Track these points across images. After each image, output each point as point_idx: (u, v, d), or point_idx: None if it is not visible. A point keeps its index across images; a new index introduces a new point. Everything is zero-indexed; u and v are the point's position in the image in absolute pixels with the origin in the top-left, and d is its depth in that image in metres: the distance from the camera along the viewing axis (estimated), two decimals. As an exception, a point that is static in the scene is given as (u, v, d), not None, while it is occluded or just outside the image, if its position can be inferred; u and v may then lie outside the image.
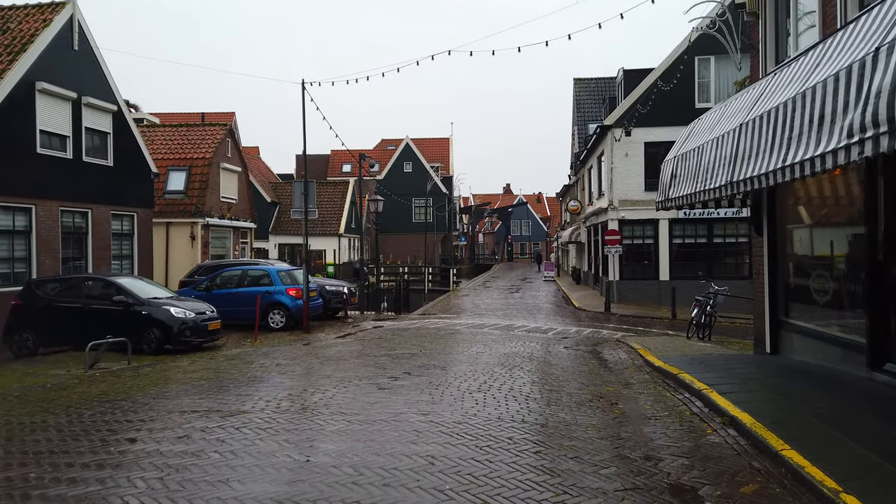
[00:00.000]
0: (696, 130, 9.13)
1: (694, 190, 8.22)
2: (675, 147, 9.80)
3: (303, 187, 17.24)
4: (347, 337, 15.76)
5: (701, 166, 8.09)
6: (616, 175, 27.04)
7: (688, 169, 8.66)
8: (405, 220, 58.43)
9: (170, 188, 26.50)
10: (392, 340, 14.04)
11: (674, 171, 9.30)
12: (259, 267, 19.00)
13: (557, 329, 16.88)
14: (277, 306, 17.83)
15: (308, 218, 17.44)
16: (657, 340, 13.87)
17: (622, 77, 29.75)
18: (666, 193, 9.58)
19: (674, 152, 9.62)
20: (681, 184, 8.91)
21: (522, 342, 13.52)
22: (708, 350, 11.67)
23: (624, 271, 27.03)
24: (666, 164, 9.90)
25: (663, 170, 9.95)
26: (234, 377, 9.28)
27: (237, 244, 29.51)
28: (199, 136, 27.89)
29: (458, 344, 13.04)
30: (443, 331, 16.23)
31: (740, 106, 7.78)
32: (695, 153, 8.44)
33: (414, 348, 12.31)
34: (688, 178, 8.62)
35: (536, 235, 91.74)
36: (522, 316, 21.42)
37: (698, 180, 8.13)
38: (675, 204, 9.27)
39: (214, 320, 14.24)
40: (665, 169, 9.86)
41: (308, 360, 11.06)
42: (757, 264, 10.42)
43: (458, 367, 9.81)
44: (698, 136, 8.73)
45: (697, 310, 14.38)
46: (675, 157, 9.30)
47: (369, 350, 12.28)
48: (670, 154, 9.90)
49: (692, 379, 8.19)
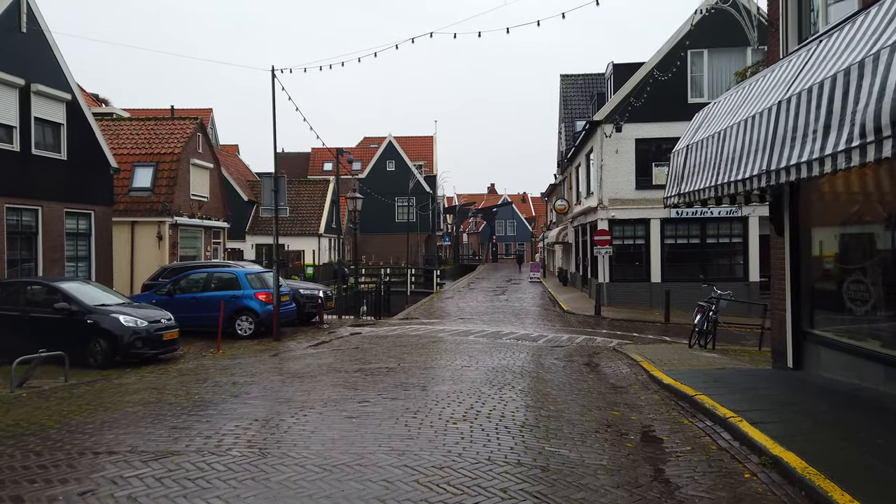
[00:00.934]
0: (713, 115, 7.96)
1: (715, 182, 7.04)
2: (687, 135, 8.63)
3: (273, 183, 15.88)
4: (321, 346, 14.44)
5: (724, 155, 6.92)
6: (606, 173, 25.96)
7: (706, 158, 7.49)
8: (388, 220, 57.08)
9: (135, 185, 24.96)
10: (368, 351, 12.75)
11: (687, 161, 8.13)
12: (226, 269, 17.60)
13: (548, 336, 15.69)
14: (245, 312, 16.46)
15: (279, 216, 16.09)
16: (658, 349, 12.73)
17: (612, 71, 28.70)
18: (678, 187, 8.40)
19: (686, 141, 8.45)
20: (697, 176, 7.73)
21: (511, 353, 12.30)
22: (718, 362, 10.52)
23: (614, 273, 25.95)
24: (676, 154, 8.73)
25: (673, 161, 8.78)
26: (178, 401, 7.94)
27: (209, 245, 28.01)
28: (167, 131, 26.35)
29: (440, 356, 11.78)
30: (424, 339, 14.96)
31: (770, 85, 6.62)
32: (714, 140, 7.27)
33: (391, 361, 11.04)
34: (706, 169, 7.45)
35: (521, 236, 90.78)
36: (510, 321, 20.22)
37: (721, 171, 6.95)
38: (689, 200, 8.10)
39: (171, 329, 12.85)
40: (675, 160, 8.68)
41: (270, 377, 9.74)
42: (776, 268, 9.29)
43: (440, 386, 8.55)
44: (717, 121, 7.56)
45: (700, 316, 13.26)
46: (689, 146, 8.13)
47: (342, 364, 10.98)
48: (681, 143, 8.73)
49: (713, 403, 7.00)
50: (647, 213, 25.73)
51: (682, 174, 8.36)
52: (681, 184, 8.32)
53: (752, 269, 25.33)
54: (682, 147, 8.51)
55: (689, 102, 25.50)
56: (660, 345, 14.61)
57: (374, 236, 57.54)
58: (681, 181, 8.33)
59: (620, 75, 27.44)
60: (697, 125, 8.41)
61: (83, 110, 18.55)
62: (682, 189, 8.19)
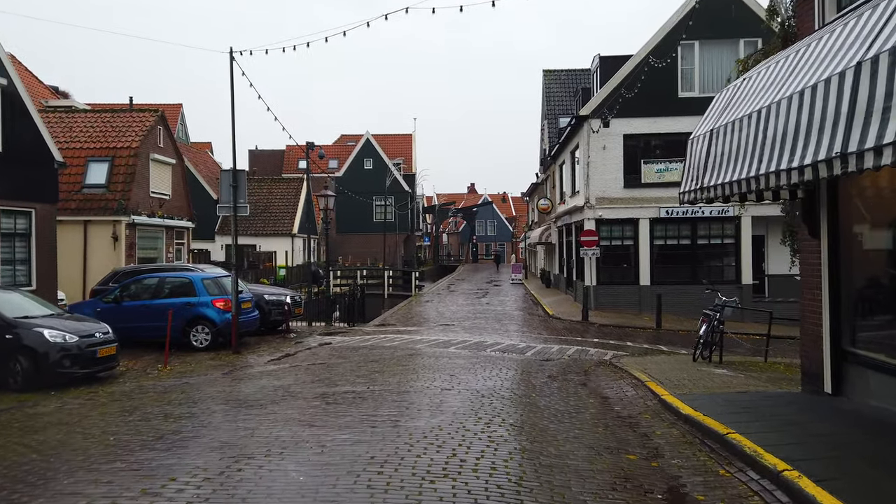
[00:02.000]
0: (743, 93, 6.60)
1: (754, 173, 5.67)
2: (709, 118, 7.26)
3: (231, 178, 14.27)
4: (284, 361, 12.89)
5: (767, 138, 5.55)
6: (593, 170, 24.68)
7: (739, 145, 6.12)
8: (366, 220, 55.36)
9: (89, 181, 23.11)
10: (336, 368, 11.23)
11: (712, 149, 6.76)
12: (180, 274, 15.92)
13: (536, 347, 14.29)
14: (201, 321, 14.82)
15: (239, 215, 14.48)
16: (660, 364, 11.40)
17: (598, 64, 27.45)
18: (698, 181, 7.02)
19: (709, 124, 7.07)
20: (725, 166, 6.36)
21: (497, 370, 10.86)
22: (735, 383, 9.19)
23: (601, 275, 24.68)
24: (695, 142, 7.36)
25: (692, 150, 7.41)
26: (84, 446, 6.37)
27: (171, 246, 26.19)
28: (124, 123, 24.50)
29: (417, 375, 10.30)
30: (400, 351, 13.47)
31: (817, 57, 5.28)
32: (751, 122, 5.90)
33: (360, 383, 9.54)
34: (738, 159, 6.08)
35: (502, 236, 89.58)
36: (493, 328, 18.80)
37: (762, 159, 5.58)
38: (713, 195, 6.73)
39: (107, 344, 11.18)
40: (695, 148, 7.31)
41: (213, 407, 8.18)
42: (807, 276, 7.97)
43: (415, 420, 7.07)
44: (751, 99, 6.20)
45: (706, 326, 11.95)
46: (713, 132, 6.75)
47: (302, 386, 9.45)
48: (702, 127, 7.35)
49: (753, 447, 5.63)
50: (636, 213, 24.52)
51: (703, 164, 6.99)
52: (702, 176, 6.95)
53: (745, 272, 24.24)
54: (703, 132, 7.13)
55: (679, 97, 24.36)
56: (658, 356, 13.30)
57: (351, 236, 55.82)
58: (702, 173, 6.96)
59: (607, 68, 26.20)
60: (722, 106, 7.04)
61: (22, 98, 16.73)
62: (706, 182, 6.82)
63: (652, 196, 24.39)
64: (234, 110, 14.04)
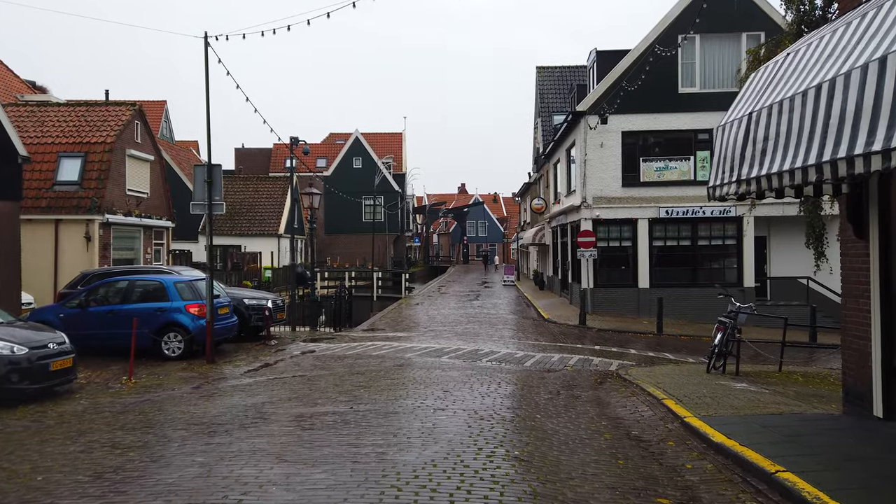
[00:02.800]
0: (790, 69, 5.62)
1: (815, 160, 4.68)
2: (746, 101, 6.27)
3: (206, 173, 13.18)
4: (261, 371, 11.82)
5: (832, 118, 4.57)
6: (590, 168, 23.75)
7: (791, 128, 5.14)
8: (355, 220, 54.20)
9: (61, 178, 21.91)
10: (317, 382, 10.17)
11: (753, 135, 5.77)
12: (151, 277, 14.81)
13: (535, 356, 13.30)
14: (174, 328, 13.73)
15: (214, 213, 13.39)
16: (672, 376, 10.43)
17: (595, 59, 26.52)
18: (734, 173, 6.03)
19: (747, 106, 6.08)
20: (772, 154, 5.38)
21: (496, 384, 9.86)
22: (763, 400, 8.23)
23: (599, 278, 23.75)
24: (728, 128, 6.37)
25: (724, 137, 6.42)
26: (3, 489, 5.28)
27: (149, 246, 25.00)
28: (99, 118, 23.29)
29: (406, 390, 9.27)
30: (388, 361, 12.44)
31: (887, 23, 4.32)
32: (810, 98, 4.92)
33: (343, 401, 8.50)
34: (792, 144, 5.09)
35: (493, 236, 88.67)
36: (487, 334, 17.80)
37: (827, 144, 4.60)
38: (755, 188, 5.75)
39: (63, 356, 10.07)
40: (728, 136, 6.32)
41: (172, 432, 7.11)
42: (851, 282, 7.02)
43: (404, 452, 6.04)
44: (805, 74, 5.22)
45: (721, 334, 11.00)
46: (756, 113, 5.77)
47: (277, 405, 8.39)
48: (736, 111, 6.36)
49: (815, 492, 4.64)
50: (635, 213, 23.62)
51: (739, 154, 6.01)
52: (739, 167, 5.97)
53: (747, 274, 23.41)
54: (738, 116, 6.15)
55: (680, 92, 23.51)
56: (667, 366, 12.36)
57: (340, 237, 54.68)
58: (739, 164, 5.98)
59: (604, 63, 25.27)
60: (762, 85, 6.06)
61: (-18, 87, 15.55)
62: (745, 174, 5.83)
63: (651, 195, 23.52)
64: (209, 99, 12.96)
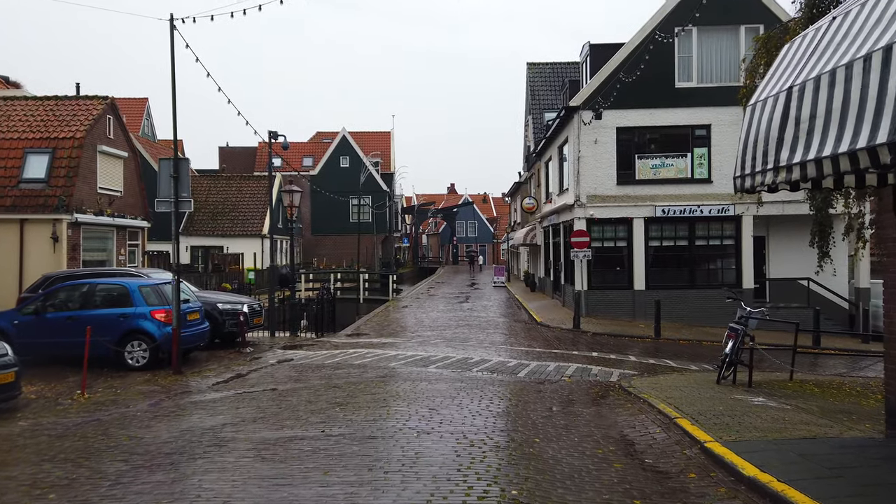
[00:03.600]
0: (844, 32, 4.70)
1: (892, 136, 3.75)
2: (782, 73, 5.34)
3: (171, 167, 12.12)
4: (230, 384, 10.79)
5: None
6: (584, 165, 22.84)
7: (851, 100, 4.21)
8: (342, 220, 53.06)
9: (27, 176, 20.73)
10: (288, 398, 9.16)
11: (795, 114, 4.84)
12: (114, 281, 13.72)
13: (529, 365, 12.33)
14: (138, 335, 12.66)
15: (179, 211, 12.33)
16: (681, 388, 9.52)
17: (588, 53, 25.64)
18: (771, 159, 5.10)
19: (786, 80, 5.15)
20: (828, 134, 4.44)
21: (487, 399, 8.89)
22: (788, 419, 7.31)
23: (593, 279, 22.86)
24: (760, 106, 5.43)
25: (755, 117, 5.48)
26: None
27: (123, 247, 23.84)
28: (68, 112, 22.13)
29: (388, 408, 8.28)
30: (370, 372, 11.43)
31: None
32: (875, 63, 3.99)
33: (313, 422, 7.49)
34: (854, 120, 4.16)
35: (483, 237, 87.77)
36: (477, 339, 16.83)
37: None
38: (798, 176, 4.81)
39: (4, 370, 8.99)
40: (761, 116, 5.38)
41: (107, 466, 6.07)
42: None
43: (379, 494, 5.04)
44: (866, 35, 4.29)
45: (732, 342, 10.10)
46: (800, 86, 4.83)
47: (238, 428, 7.38)
48: (770, 88, 5.42)
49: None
50: (630, 212, 22.74)
51: (777, 136, 5.07)
52: (777, 152, 5.03)
53: (746, 275, 22.58)
54: (775, 91, 5.21)
55: (676, 87, 22.64)
56: (671, 376, 11.44)
57: (326, 237, 53.56)
58: (776, 148, 5.04)
59: (598, 57, 24.39)
60: (803, 55, 5.12)
61: (-68, 75, 14.39)
62: (784, 159, 4.89)
63: (647, 194, 22.65)
64: (175, 87, 11.90)
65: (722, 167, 22.35)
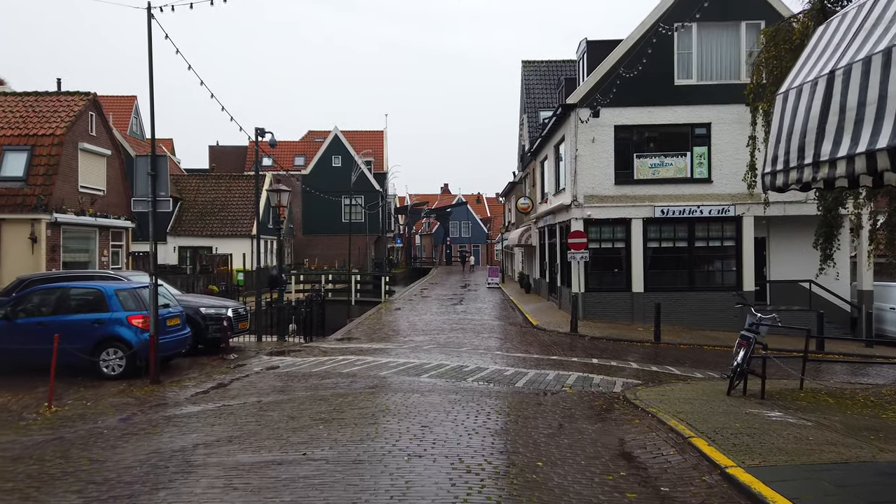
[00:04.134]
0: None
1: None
2: (818, 58, 4.73)
3: (149, 164, 11.43)
4: (210, 395, 10.13)
5: None
6: (581, 165, 22.26)
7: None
8: (334, 221, 52.33)
9: (4, 174, 20.03)
10: (268, 412, 8.50)
11: (841, 100, 4.23)
12: (89, 284, 13.02)
13: (528, 374, 11.72)
14: (114, 343, 11.97)
15: (158, 211, 11.63)
16: (691, 400, 8.92)
17: (585, 50, 25.07)
18: (809, 152, 4.49)
19: (824, 65, 4.54)
20: (882, 124, 3.84)
21: (484, 414, 8.26)
22: (814, 439, 6.72)
23: (590, 281, 22.29)
24: (794, 94, 4.82)
25: (787, 107, 4.87)
26: None
27: (106, 248, 23.09)
28: (49, 108, 21.38)
29: (377, 425, 7.64)
30: (359, 382, 10.79)
31: None
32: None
33: (295, 442, 6.85)
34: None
35: (476, 237, 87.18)
36: (472, 344, 16.21)
37: None
38: (848, 171, 4.21)
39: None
40: (797, 104, 4.76)
41: (57, 499, 5.41)
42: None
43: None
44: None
45: (744, 350, 9.51)
46: (845, 68, 4.23)
47: (210, 450, 6.73)
48: (804, 74, 4.82)
49: None
50: (628, 212, 22.17)
51: (817, 128, 4.46)
52: (817, 145, 4.42)
53: (747, 277, 22.05)
54: (814, 77, 4.60)
55: (676, 84, 22.09)
56: (677, 385, 10.85)
57: (318, 238, 52.83)
58: (816, 140, 4.43)
59: (595, 54, 23.82)
60: (845, 35, 4.52)
61: None
62: (828, 153, 4.28)
63: (646, 194, 22.10)
64: (153, 78, 11.21)
65: (722, 167, 21.84)
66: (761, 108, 13.19)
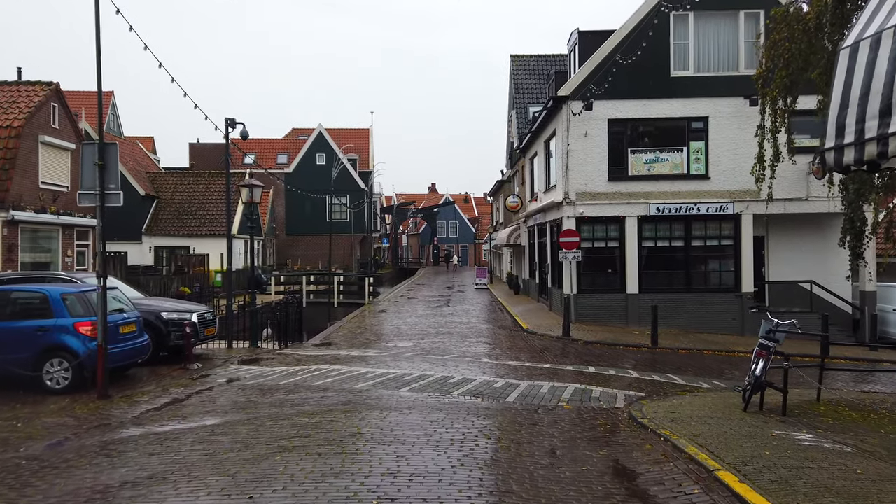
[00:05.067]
0: None
1: None
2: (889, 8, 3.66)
3: (96, 153, 10.19)
4: (161, 413, 8.93)
5: None
6: (573, 160, 21.22)
7: None
8: (318, 220, 50.91)
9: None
10: (221, 437, 7.31)
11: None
12: (32, 287, 11.73)
13: (520, 386, 10.59)
14: (59, 352, 10.71)
15: (107, 205, 10.40)
16: (706, 418, 7.85)
17: (576, 41, 24.02)
18: (887, 121, 3.42)
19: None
20: None
21: (471, 439, 7.14)
22: (865, 473, 5.66)
23: (582, 282, 21.25)
24: (866, 48, 3.75)
25: (857, 63, 3.80)
26: None
27: (70, 248, 21.71)
28: (6, 98, 20.00)
29: (344, 456, 6.48)
30: (331, 397, 9.62)
31: None
32: None
33: (242, 481, 5.68)
34: None
35: (464, 237, 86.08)
36: (459, 350, 15.09)
37: None
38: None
39: None
40: (869, 60, 3.69)
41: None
42: None
43: None
44: None
45: (763, 361, 8.47)
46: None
47: (133, 492, 5.54)
48: (876, 23, 3.75)
49: None
50: (622, 210, 21.16)
51: (892, 90, 3.40)
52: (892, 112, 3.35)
53: (745, 278, 21.08)
54: (892, 24, 3.53)
55: (672, 76, 21.09)
56: (686, 398, 9.79)
57: (302, 238, 51.46)
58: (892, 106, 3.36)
59: (587, 45, 22.77)
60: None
61: None
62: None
63: (640, 190, 21.09)
64: (100, 55, 9.97)
65: (720, 162, 20.90)
66: (770, 95, 12.20)
